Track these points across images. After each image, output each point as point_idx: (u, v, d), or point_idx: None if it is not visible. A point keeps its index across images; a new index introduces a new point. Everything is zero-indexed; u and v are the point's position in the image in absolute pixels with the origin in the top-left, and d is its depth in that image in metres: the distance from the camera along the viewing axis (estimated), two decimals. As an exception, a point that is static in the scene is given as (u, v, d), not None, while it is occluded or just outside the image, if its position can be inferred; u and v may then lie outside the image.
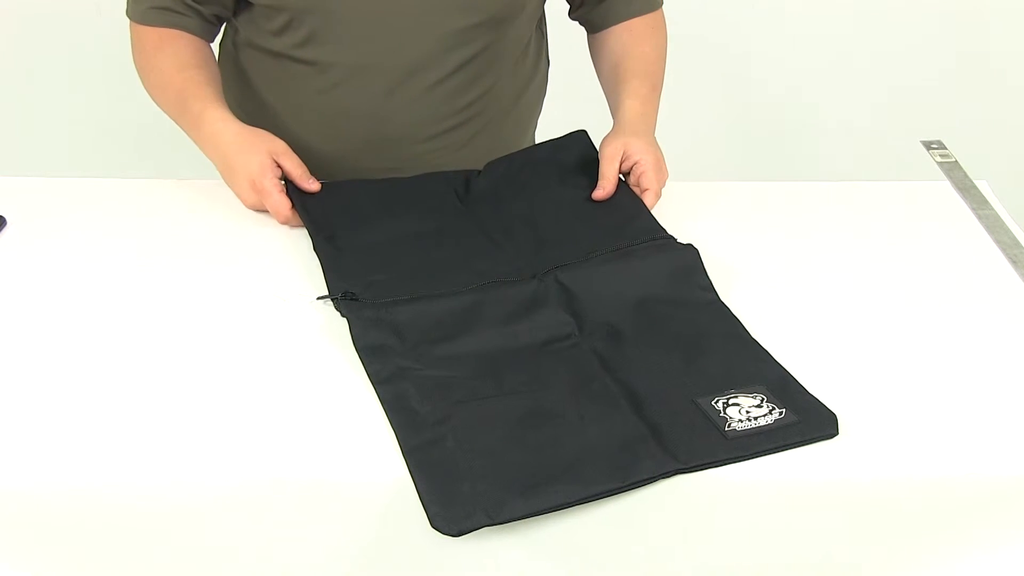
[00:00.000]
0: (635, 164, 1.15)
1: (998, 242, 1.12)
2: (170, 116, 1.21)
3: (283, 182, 1.12)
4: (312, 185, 1.12)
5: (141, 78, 1.22)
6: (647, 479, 0.80)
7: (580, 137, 1.22)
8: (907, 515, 0.79)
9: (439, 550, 0.75)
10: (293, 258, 1.08)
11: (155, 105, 1.23)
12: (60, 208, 1.16)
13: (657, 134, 1.26)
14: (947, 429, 0.87)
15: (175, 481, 0.80)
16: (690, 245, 1.04)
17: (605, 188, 1.13)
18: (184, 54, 1.18)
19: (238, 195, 1.13)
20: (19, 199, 1.16)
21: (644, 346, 0.94)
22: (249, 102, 1.27)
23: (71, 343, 0.95)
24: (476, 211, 1.14)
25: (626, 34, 1.28)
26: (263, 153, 1.11)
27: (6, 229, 1.12)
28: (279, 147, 1.13)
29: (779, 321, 0.99)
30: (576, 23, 1.34)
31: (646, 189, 1.14)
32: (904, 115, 2.27)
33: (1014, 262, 1.09)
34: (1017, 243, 1.12)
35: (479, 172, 1.19)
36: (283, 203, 1.10)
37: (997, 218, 1.17)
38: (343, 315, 0.97)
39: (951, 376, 0.93)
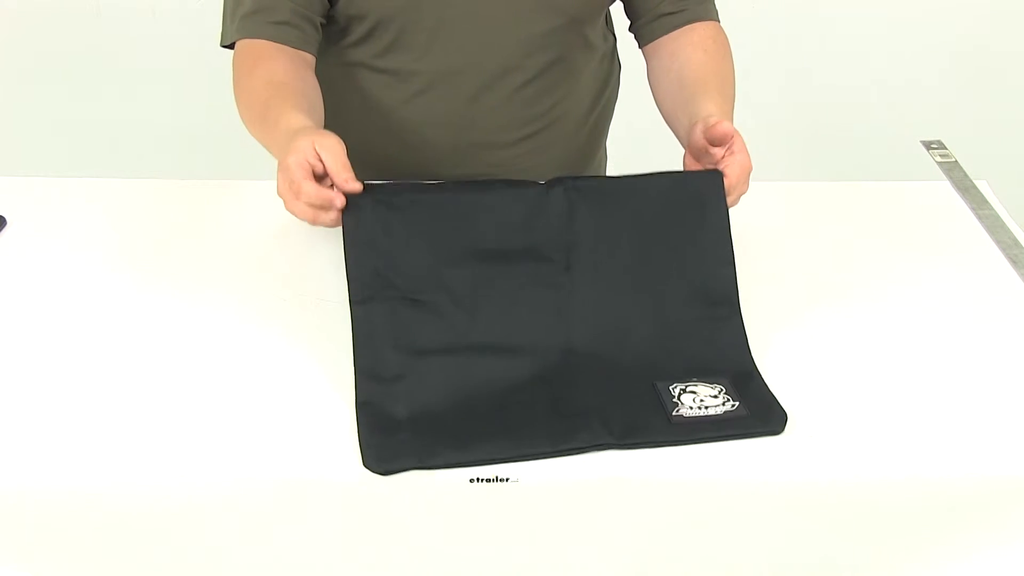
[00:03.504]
0: (732, 143, 1.01)
1: (998, 242, 1.12)
2: (256, 137, 1.05)
3: (307, 168, 0.92)
4: (350, 185, 0.92)
5: (235, 101, 1.09)
6: (579, 448, 0.83)
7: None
8: (906, 515, 0.79)
9: (439, 549, 0.75)
10: (293, 258, 1.08)
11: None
12: (60, 208, 1.16)
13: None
14: (947, 429, 0.87)
15: (175, 481, 0.80)
16: (716, 171, 0.98)
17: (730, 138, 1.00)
18: (278, 72, 1.07)
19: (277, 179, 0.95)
20: (19, 199, 1.16)
21: (630, 309, 0.93)
22: (327, 116, 1.26)
23: (71, 343, 0.95)
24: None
25: (700, 52, 1.17)
26: (307, 140, 0.93)
27: (6, 229, 1.12)
28: (327, 139, 0.93)
29: (778, 320, 0.99)
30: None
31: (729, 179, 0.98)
32: (904, 115, 2.27)
33: (1014, 262, 1.09)
34: (1017, 243, 1.12)
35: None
36: (303, 185, 0.90)
37: (997, 218, 1.17)
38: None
39: (951, 376, 0.93)
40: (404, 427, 0.85)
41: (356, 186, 0.93)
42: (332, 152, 0.93)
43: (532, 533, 0.77)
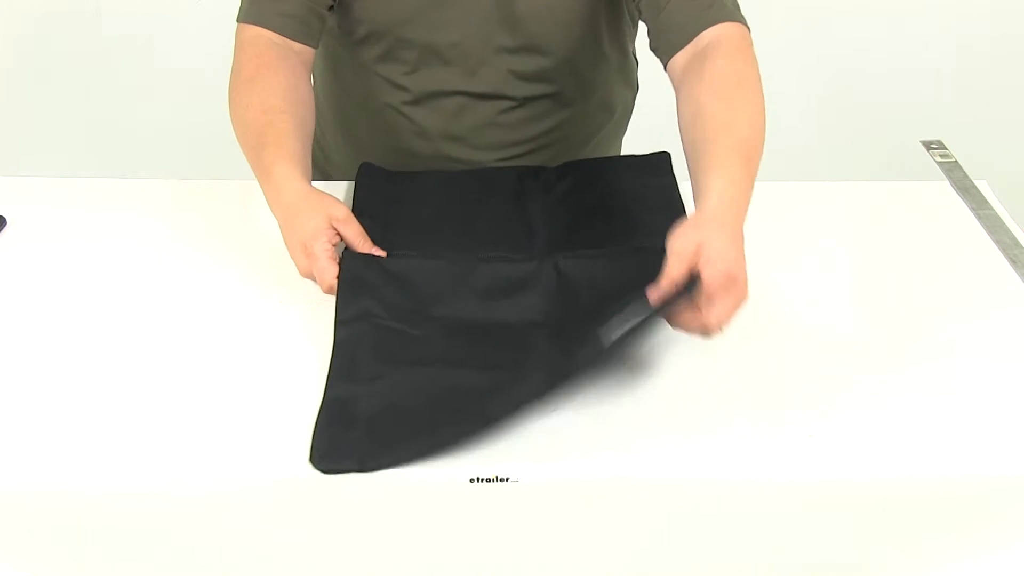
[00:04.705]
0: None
1: (998, 242, 1.12)
2: (245, 156, 1.08)
3: (336, 249, 1.00)
4: (375, 251, 1.00)
5: (229, 99, 1.10)
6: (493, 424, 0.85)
7: (663, 163, 1.17)
8: (907, 515, 0.79)
9: (439, 549, 0.75)
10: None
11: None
12: (60, 208, 1.16)
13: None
14: (947, 429, 0.87)
15: (175, 481, 0.81)
16: None
17: (663, 289, 0.87)
18: (276, 92, 1.06)
19: (292, 258, 1.01)
20: (19, 199, 1.16)
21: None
22: (335, 100, 1.29)
23: (71, 343, 0.95)
24: (530, 196, 1.15)
25: (710, 98, 1.00)
26: (321, 216, 0.99)
27: (6, 229, 1.12)
28: (340, 212, 1.00)
29: (778, 320, 0.99)
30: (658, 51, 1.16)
31: (706, 321, 0.88)
32: (904, 115, 2.27)
33: (1014, 262, 1.09)
34: (1017, 243, 1.12)
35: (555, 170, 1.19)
36: (329, 270, 0.97)
37: (997, 218, 1.17)
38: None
39: (951, 376, 0.93)
40: (360, 426, 0.85)
41: (379, 251, 1.00)
42: (352, 226, 1.00)
43: (532, 533, 0.77)
